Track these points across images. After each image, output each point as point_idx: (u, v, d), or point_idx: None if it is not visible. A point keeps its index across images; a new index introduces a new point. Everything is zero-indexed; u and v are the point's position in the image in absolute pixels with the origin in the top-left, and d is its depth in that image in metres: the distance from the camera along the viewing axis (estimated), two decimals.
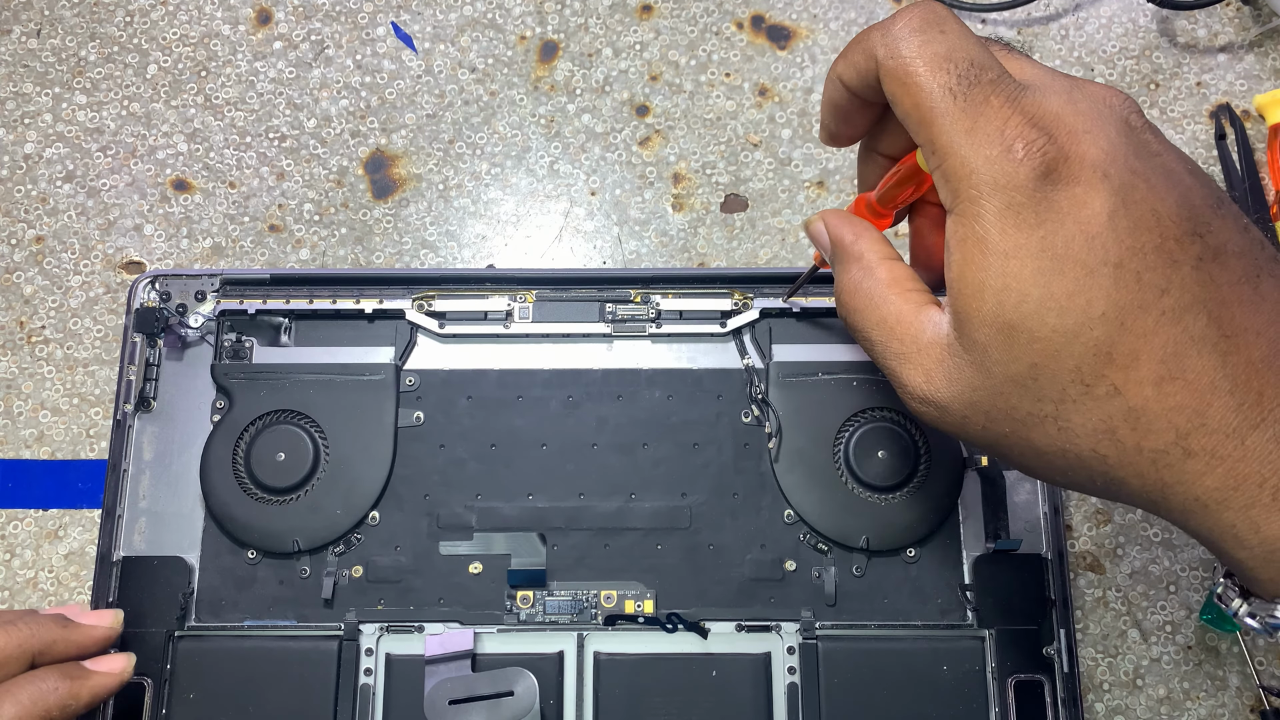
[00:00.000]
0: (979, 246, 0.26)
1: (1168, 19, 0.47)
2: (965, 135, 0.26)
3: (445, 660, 0.37)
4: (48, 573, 0.41)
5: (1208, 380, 0.25)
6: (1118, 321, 0.25)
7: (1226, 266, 0.25)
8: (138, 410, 0.41)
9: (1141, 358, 0.25)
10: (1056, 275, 0.25)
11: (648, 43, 0.47)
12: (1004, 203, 0.25)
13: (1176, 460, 0.25)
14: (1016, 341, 0.26)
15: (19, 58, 0.46)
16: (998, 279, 0.26)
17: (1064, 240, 0.25)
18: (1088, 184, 0.25)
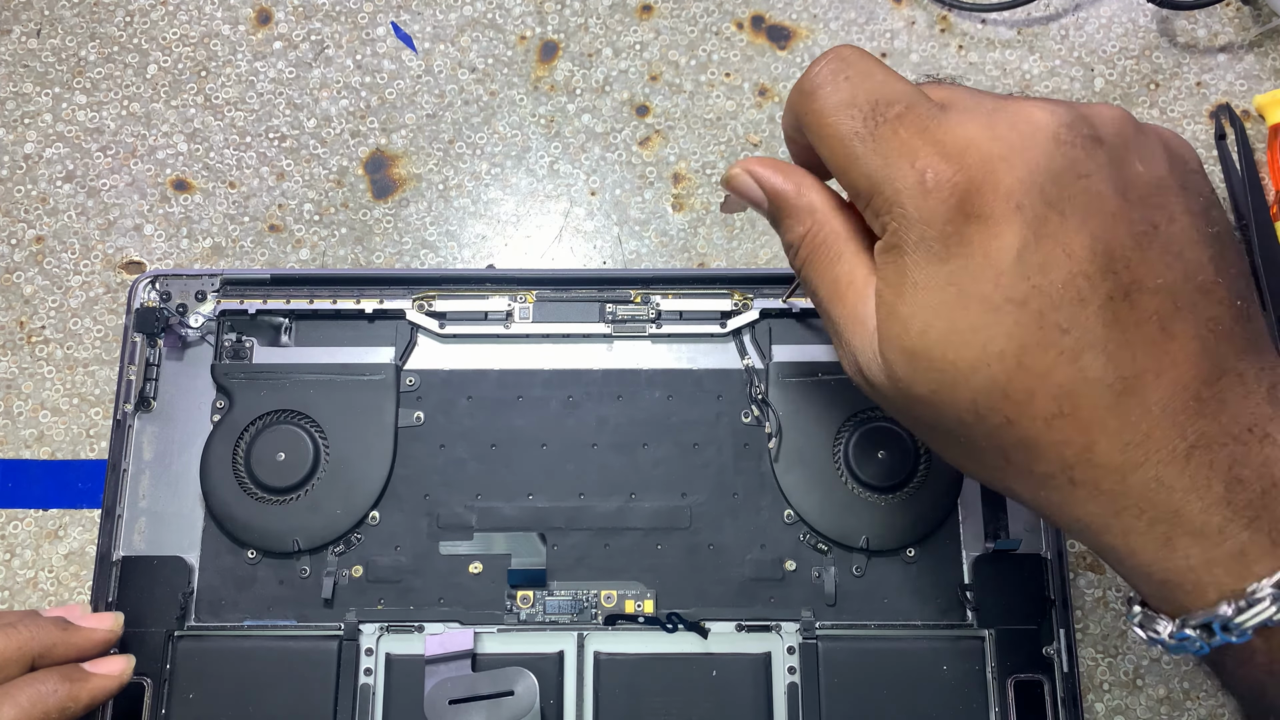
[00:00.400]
0: (898, 274, 0.26)
1: (1167, 19, 0.47)
2: (881, 172, 0.26)
3: (445, 660, 0.37)
4: (48, 572, 0.41)
5: (1099, 420, 0.25)
6: (1015, 360, 0.25)
7: (1137, 305, 0.25)
8: (138, 410, 0.41)
9: (1036, 395, 0.25)
10: (960, 310, 0.25)
11: (648, 43, 0.47)
12: (918, 235, 0.25)
13: (1063, 486, 0.26)
14: (918, 368, 0.26)
15: (19, 58, 0.46)
16: (907, 307, 0.26)
17: (971, 276, 0.25)
18: (999, 217, 0.25)
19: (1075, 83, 0.46)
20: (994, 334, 0.25)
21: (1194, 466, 0.25)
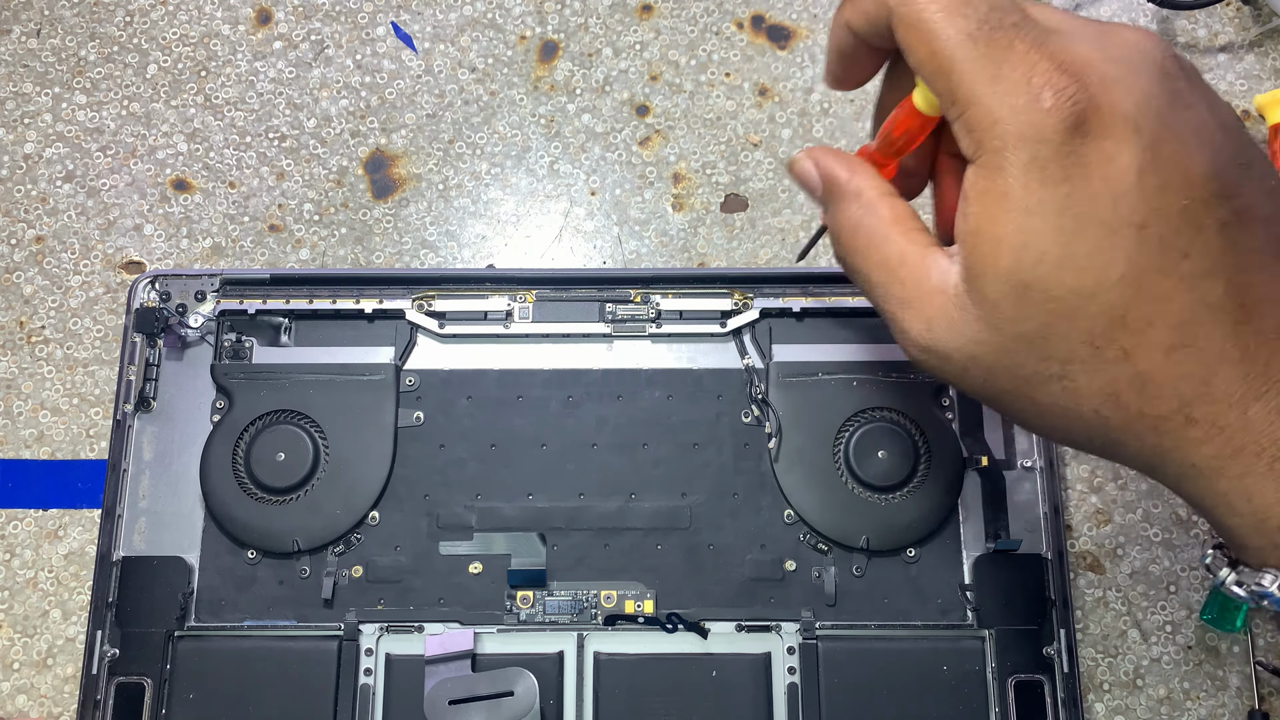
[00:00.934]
0: (1000, 201, 0.25)
1: (1168, 19, 0.47)
2: (988, 84, 0.24)
3: (445, 660, 0.37)
4: (47, 572, 0.41)
5: (1217, 349, 0.24)
6: (1135, 285, 0.24)
7: (1250, 232, 0.24)
8: (137, 410, 0.41)
9: (1155, 323, 0.24)
10: (1078, 235, 0.24)
11: (648, 42, 0.47)
12: (1030, 156, 0.24)
13: (1177, 427, 0.25)
14: (1030, 300, 0.25)
15: (19, 57, 0.46)
16: (1017, 235, 0.25)
17: (1089, 198, 0.24)
18: (1118, 138, 0.24)
19: None
20: (1114, 258, 0.24)
21: None
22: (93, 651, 0.38)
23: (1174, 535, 0.41)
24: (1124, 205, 0.24)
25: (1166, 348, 0.24)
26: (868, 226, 0.28)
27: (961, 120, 0.25)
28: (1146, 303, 0.24)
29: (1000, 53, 0.25)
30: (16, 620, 0.40)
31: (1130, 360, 0.25)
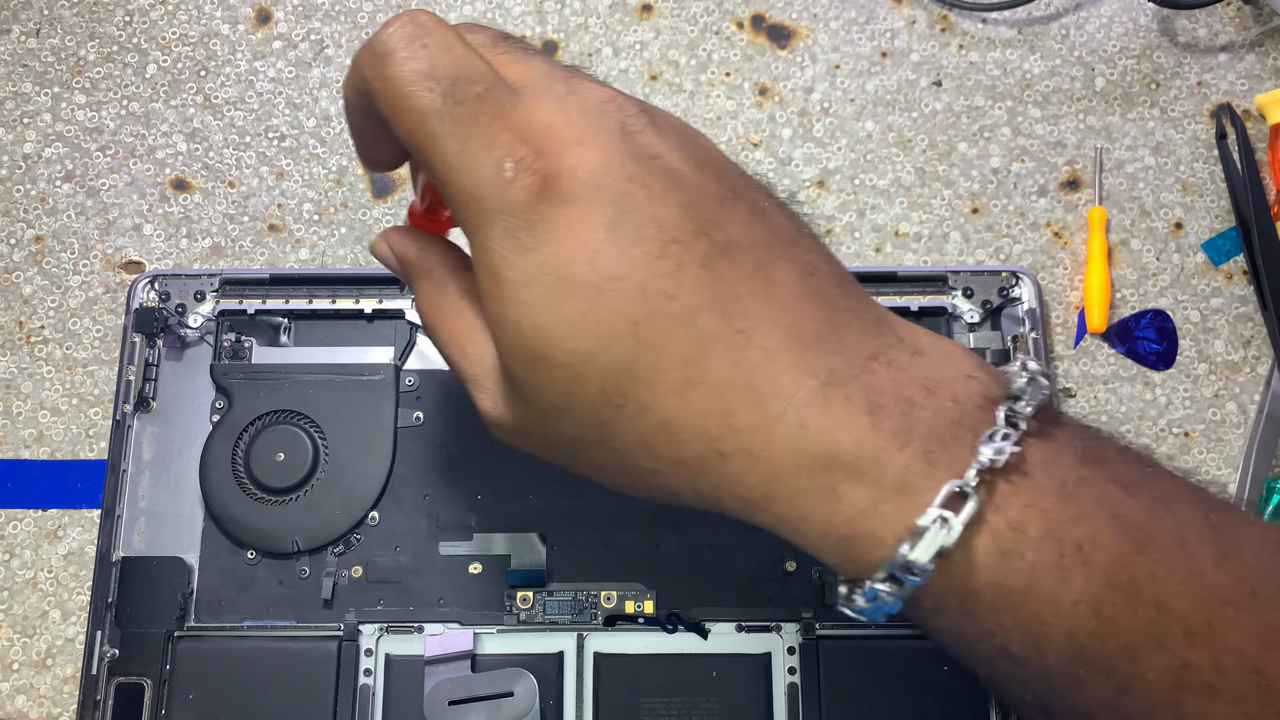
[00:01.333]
0: (493, 277, 0.25)
1: (1168, 18, 0.47)
2: (458, 158, 0.25)
3: (445, 661, 0.37)
4: (47, 573, 0.41)
5: (727, 379, 0.24)
6: (632, 337, 0.24)
7: (736, 261, 0.25)
8: (137, 410, 0.41)
9: (661, 369, 0.24)
10: (565, 299, 0.24)
11: (648, 42, 0.47)
12: (503, 228, 0.25)
13: (716, 465, 0.25)
14: (543, 372, 0.25)
15: (18, 57, 0.46)
16: (512, 310, 0.25)
17: (567, 261, 0.24)
18: (584, 199, 0.24)
19: (1076, 82, 0.46)
20: (604, 315, 0.24)
21: (833, 403, 0.24)
22: (92, 652, 0.38)
23: None
24: (601, 261, 0.24)
25: (679, 389, 0.25)
26: (438, 304, 0.29)
27: (447, 197, 0.26)
28: (647, 351, 0.24)
29: (466, 126, 0.25)
30: (16, 620, 0.40)
31: (651, 410, 0.25)
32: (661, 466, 0.26)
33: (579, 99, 0.26)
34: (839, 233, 0.44)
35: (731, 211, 0.26)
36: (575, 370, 0.25)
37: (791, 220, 0.27)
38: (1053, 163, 0.45)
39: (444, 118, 0.25)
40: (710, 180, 0.26)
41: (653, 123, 0.26)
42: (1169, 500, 0.25)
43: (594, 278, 0.24)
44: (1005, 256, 0.44)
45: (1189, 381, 0.43)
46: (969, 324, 0.42)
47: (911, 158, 0.45)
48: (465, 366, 0.28)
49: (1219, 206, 0.45)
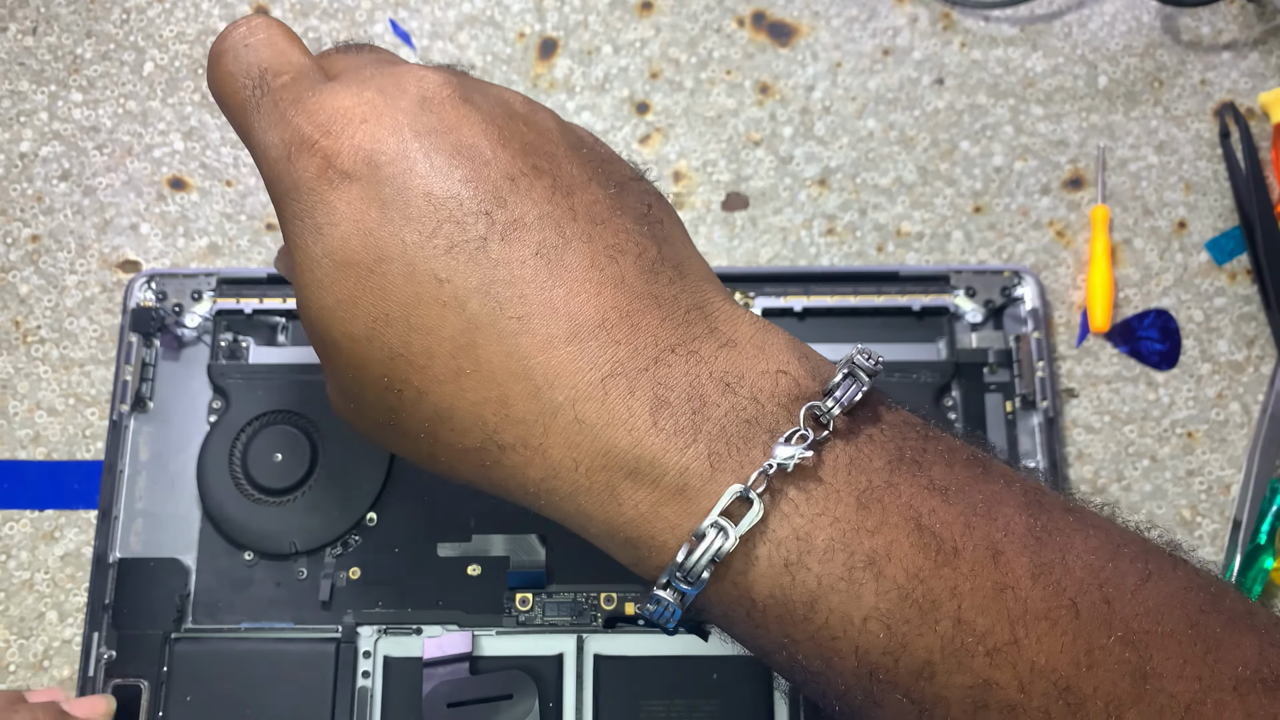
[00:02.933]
0: (291, 258, 0.25)
1: (1171, 16, 0.46)
2: (260, 144, 0.25)
3: (443, 663, 0.37)
4: (43, 574, 0.41)
5: (501, 366, 0.23)
6: (404, 321, 0.24)
7: (517, 242, 0.24)
8: (134, 411, 0.41)
9: (435, 354, 0.24)
10: (340, 281, 0.24)
11: (648, 40, 0.46)
12: (292, 210, 0.25)
13: (497, 457, 0.24)
14: (331, 355, 0.25)
15: (15, 55, 0.46)
16: (302, 293, 0.25)
17: (341, 241, 0.24)
18: (362, 178, 0.24)
19: (1079, 80, 0.46)
20: (376, 297, 0.24)
21: (612, 397, 0.23)
22: (89, 653, 0.38)
23: (1178, 536, 0.41)
24: (373, 242, 0.24)
25: (453, 376, 0.24)
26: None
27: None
28: (420, 336, 0.24)
29: (267, 114, 0.25)
30: (12, 622, 0.40)
31: (428, 397, 0.24)
32: (449, 456, 0.25)
33: (381, 79, 0.25)
34: (841, 231, 0.44)
35: (527, 189, 0.24)
36: (357, 353, 0.24)
37: (610, 200, 0.25)
38: (1055, 161, 0.45)
39: (253, 107, 0.26)
40: (511, 156, 0.25)
41: (462, 96, 0.25)
42: (991, 506, 0.23)
43: (366, 259, 0.24)
44: (1008, 256, 0.44)
45: (1192, 381, 0.43)
46: (971, 324, 0.42)
47: (913, 156, 0.45)
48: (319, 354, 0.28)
49: (1222, 205, 0.44)
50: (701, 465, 0.23)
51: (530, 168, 0.25)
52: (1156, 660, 0.22)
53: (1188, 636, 0.22)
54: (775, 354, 0.24)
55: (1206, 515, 0.41)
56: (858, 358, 0.25)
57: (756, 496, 0.23)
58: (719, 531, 0.23)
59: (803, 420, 0.23)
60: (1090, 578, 0.23)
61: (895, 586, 0.22)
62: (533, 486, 0.24)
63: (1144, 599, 0.23)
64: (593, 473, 0.24)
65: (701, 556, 0.23)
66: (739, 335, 0.25)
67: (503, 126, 0.25)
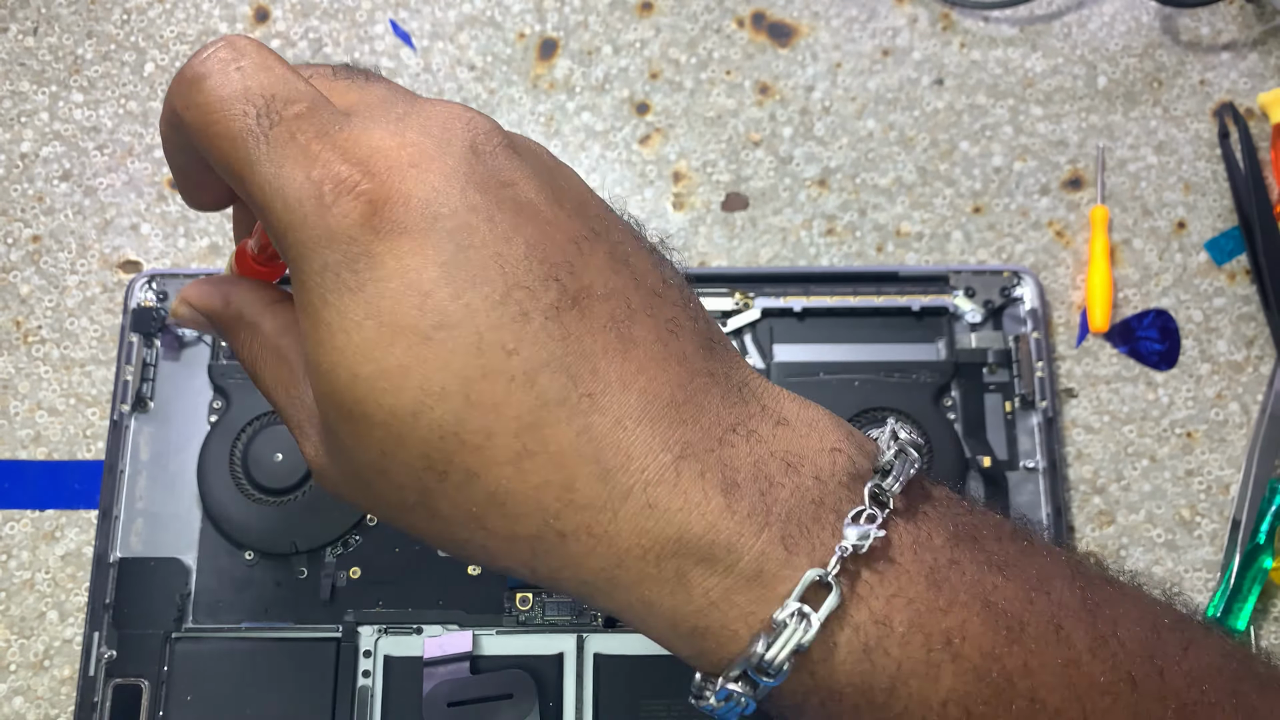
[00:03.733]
0: (312, 317, 0.22)
1: (1170, 17, 0.46)
2: (275, 181, 0.22)
3: (444, 662, 0.37)
4: (44, 574, 0.41)
5: (571, 449, 0.21)
6: (462, 396, 0.21)
7: (589, 313, 0.22)
8: (134, 411, 0.41)
9: (495, 433, 0.21)
10: (387, 347, 0.21)
11: (648, 40, 0.47)
12: (321, 262, 0.22)
13: (554, 545, 0.22)
14: (359, 428, 0.22)
15: (15, 56, 0.46)
16: (328, 356, 0.22)
17: (391, 303, 0.21)
18: (416, 231, 0.21)
19: (1078, 81, 0.46)
20: (430, 368, 0.21)
21: (685, 480, 0.22)
22: (90, 653, 0.38)
23: (1177, 537, 0.41)
24: (431, 305, 0.21)
25: (514, 459, 0.21)
26: (255, 350, 0.26)
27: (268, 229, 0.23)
28: (479, 413, 0.21)
29: (283, 147, 0.22)
30: (13, 622, 0.40)
31: (480, 480, 0.22)
32: (494, 544, 0.23)
33: (420, 118, 0.23)
34: (840, 231, 0.44)
35: (590, 255, 0.22)
36: (394, 430, 0.22)
37: (658, 269, 0.24)
38: (1055, 162, 0.45)
39: (259, 139, 0.22)
40: (569, 217, 0.23)
41: (509, 145, 0.23)
42: (1044, 580, 0.23)
43: (422, 324, 0.21)
44: (1007, 256, 0.44)
45: (1192, 381, 0.43)
46: (971, 324, 0.42)
47: (913, 156, 0.45)
48: (289, 411, 0.25)
49: (1222, 205, 0.44)
50: (776, 549, 0.22)
51: (590, 231, 0.23)
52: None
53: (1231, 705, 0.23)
54: (825, 432, 0.23)
55: (1206, 515, 0.41)
56: (900, 433, 0.24)
57: (834, 580, 0.21)
58: (800, 619, 0.21)
59: (867, 499, 0.22)
60: (1140, 650, 0.22)
61: (971, 667, 0.22)
62: (591, 575, 0.23)
63: (1188, 669, 0.23)
64: (663, 560, 0.22)
65: (783, 647, 0.21)
66: (786, 413, 0.23)
67: (551, 183, 0.23)
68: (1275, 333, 0.42)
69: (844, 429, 0.24)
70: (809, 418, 0.24)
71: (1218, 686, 0.23)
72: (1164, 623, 0.23)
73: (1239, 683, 0.23)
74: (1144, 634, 0.23)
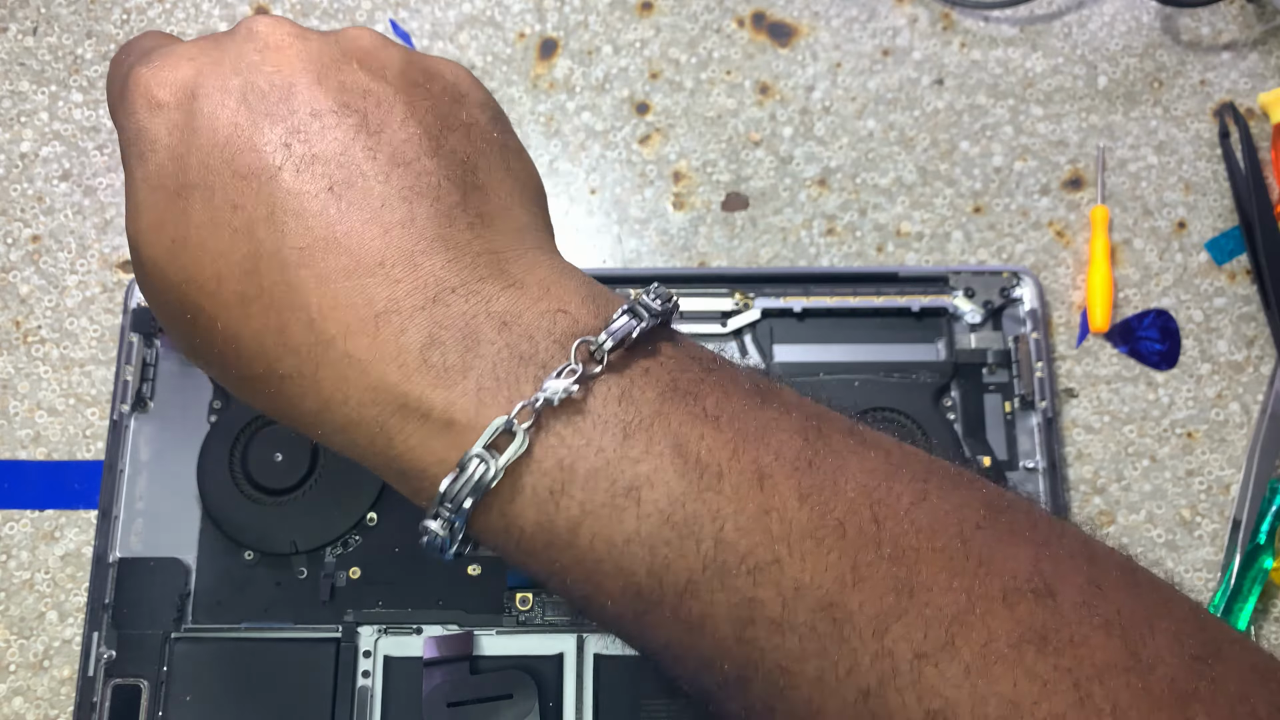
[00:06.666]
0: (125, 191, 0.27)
1: (1171, 17, 0.46)
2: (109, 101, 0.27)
3: (443, 662, 0.37)
4: (44, 574, 0.41)
5: (282, 297, 0.24)
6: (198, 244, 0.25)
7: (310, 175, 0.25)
8: (134, 410, 0.41)
9: (224, 279, 0.25)
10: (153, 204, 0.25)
11: (648, 40, 0.46)
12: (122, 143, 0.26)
13: (278, 387, 0.25)
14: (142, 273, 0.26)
15: (15, 56, 0.46)
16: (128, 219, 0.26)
17: (156, 167, 0.25)
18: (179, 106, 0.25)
19: (1078, 81, 0.46)
20: (177, 222, 0.25)
21: (384, 334, 0.24)
22: (89, 653, 0.38)
23: (1177, 536, 0.41)
24: (180, 167, 0.25)
25: (239, 302, 0.24)
26: None
27: None
28: (211, 259, 0.25)
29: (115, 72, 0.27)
30: (13, 622, 0.40)
31: (217, 323, 0.25)
32: (240, 386, 0.26)
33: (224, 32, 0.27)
34: (840, 231, 0.44)
35: (331, 126, 0.25)
36: (159, 275, 0.25)
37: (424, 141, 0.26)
38: (1055, 162, 0.45)
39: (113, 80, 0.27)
40: (322, 93, 0.25)
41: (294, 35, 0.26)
42: (764, 433, 0.24)
43: (173, 183, 0.25)
44: (1008, 256, 0.44)
45: (1192, 381, 0.43)
46: (970, 324, 0.42)
47: (913, 156, 0.45)
48: None
49: (1222, 205, 0.44)
50: (469, 400, 0.24)
51: (339, 105, 0.25)
52: (925, 575, 0.23)
53: (959, 551, 0.23)
54: (559, 294, 0.25)
55: (1206, 515, 0.41)
56: (644, 296, 0.25)
57: (521, 429, 0.23)
58: (481, 462, 0.23)
59: (574, 356, 0.24)
60: (861, 498, 0.23)
61: (656, 510, 0.23)
62: (308, 418, 0.25)
63: (916, 518, 0.23)
64: (362, 407, 0.24)
65: (464, 487, 0.23)
66: (528, 279, 0.25)
67: (325, 65, 0.26)
68: (1275, 333, 0.42)
69: (588, 293, 0.25)
70: (548, 282, 0.25)
71: (948, 534, 0.23)
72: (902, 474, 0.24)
73: (978, 531, 0.23)
74: (871, 484, 0.24)
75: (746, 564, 0.23)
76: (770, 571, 0.23)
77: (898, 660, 0.22)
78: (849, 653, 0.23)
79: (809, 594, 0.23)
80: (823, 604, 0.23)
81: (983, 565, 0.23)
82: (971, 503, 0.24)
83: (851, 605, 0.23)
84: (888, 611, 0.22)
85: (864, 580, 0.23)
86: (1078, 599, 0.23)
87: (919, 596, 0.23)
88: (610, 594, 0.24)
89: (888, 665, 0.22)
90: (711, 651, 0.24)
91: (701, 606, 0.23)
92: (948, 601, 0.22)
